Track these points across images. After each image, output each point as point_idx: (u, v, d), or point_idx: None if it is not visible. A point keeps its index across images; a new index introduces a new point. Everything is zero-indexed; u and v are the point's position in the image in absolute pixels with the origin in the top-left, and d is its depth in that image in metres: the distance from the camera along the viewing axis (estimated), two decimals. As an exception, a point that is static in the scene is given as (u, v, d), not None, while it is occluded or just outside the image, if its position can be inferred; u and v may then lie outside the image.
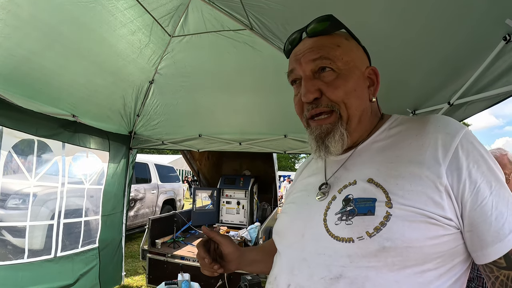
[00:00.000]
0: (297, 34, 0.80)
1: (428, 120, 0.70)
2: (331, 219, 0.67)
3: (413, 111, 2.10)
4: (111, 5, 2.17)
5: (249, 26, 2.31)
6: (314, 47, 0.73)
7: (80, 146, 3.15)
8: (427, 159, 0.63)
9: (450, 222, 0.59)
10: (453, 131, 0.64)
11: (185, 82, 3.21)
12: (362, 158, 0.74)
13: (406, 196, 0.60)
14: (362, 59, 0.78)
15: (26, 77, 2.38)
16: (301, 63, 0.74)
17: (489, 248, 0.59)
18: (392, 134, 0.74)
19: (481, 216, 0.59)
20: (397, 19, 1.46)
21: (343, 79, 0.72)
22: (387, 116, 0.80)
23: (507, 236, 0.57)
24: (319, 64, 0.72)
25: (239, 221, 4.36)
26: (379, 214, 0.60)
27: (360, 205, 0.64)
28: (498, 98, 1.33)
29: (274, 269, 0.77)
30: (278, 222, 0.85)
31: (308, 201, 0.77)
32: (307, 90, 0.72)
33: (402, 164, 0.65)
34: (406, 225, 0.58)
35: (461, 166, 0.60)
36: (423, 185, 0.60)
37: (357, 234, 0.61)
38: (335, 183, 0.74)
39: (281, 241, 0.78)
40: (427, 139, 0.65)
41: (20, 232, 2.58)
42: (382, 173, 0.66)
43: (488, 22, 1.19)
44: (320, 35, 0.75)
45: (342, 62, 0.72)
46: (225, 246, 0.92)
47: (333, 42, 0.74)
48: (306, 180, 0.86)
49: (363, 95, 0.74)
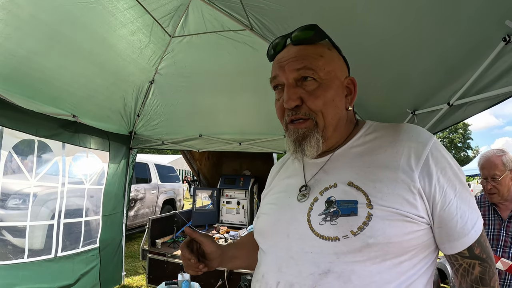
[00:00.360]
0: (281, 40, 0.83)
1: (402, 129, 0.78)
2: (315, 220, 0.72)
3: (413, 111, 2.10)
4: (111, 6, 2.18)
5: (249, 27, 2.32)
6: (298, 56, 0.77)
7: (80, 146, 3.15)
8: (402, 165, 0.71)
9: (422, 219, 0.68)
10: (424, 140, 0.73)
11: (185, 82, 3.21)
12: (340, 162, 0.79)
13: (385, 198, 0.68)
14: (342, 69, 0.82)
15: (26, 77, 2.39)
16: (284, 71, 0.78)
17: (455, 241, 0.70)
18: (368, 140, 0.80)
19: (449, 215, 0.69)
20: (397, 18, 1.46)
21: (323, 89, 0.76)
22: (362, 123, 0.87)
23: (470, 231, 0.69)
24: (302, 74, 0.76)
25: (239, 221, 4.37)
26: (361, 214, 0.67)
27: (343, 206, 0.70)
28: (497, 99, 1.33)
29: (260, 268, 0.81)
30: (259, 223, 0.89)
31: (290, 202, 0.81)
32: (289, 97, 0.76)
33: (379, 169, 0.72)
34: (386, 223, 0.65)
35: (431, 173, 0.69)
36: (399, 188, 0.68)
37: (343, 233, 0.67)
38: (316, 186, 0.79)
39: (265, 241, 0.82)
40: (401, 147, 0.73)
41: (20, 232, 2.59)
42: (361, 177, 0.73)
43: (488, 23, 1.19)
44: (304, 43, 0.78)
45: (324, 72, 0.76)
46: (207, 246, 0.94)
47: (316, 52, 0.77)
48: (284, 181, 0.90)
49: (340, 105, 0.79)
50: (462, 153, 40.56)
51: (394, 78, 1.95)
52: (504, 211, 1.84)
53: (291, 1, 1.74)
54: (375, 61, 1.84)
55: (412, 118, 2.14)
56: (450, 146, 40.29)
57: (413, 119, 2.13)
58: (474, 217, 0.70)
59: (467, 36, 1.31)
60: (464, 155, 40.13)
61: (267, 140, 3.67)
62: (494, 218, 1.87)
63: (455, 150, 40.56)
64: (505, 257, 1.73)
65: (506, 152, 1.86)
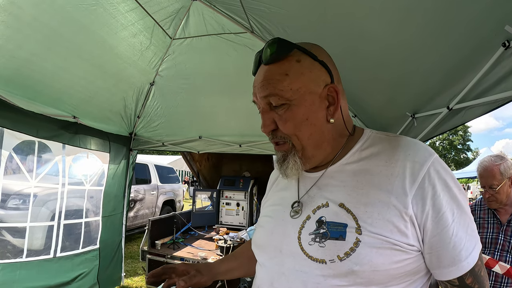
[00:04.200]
0: (256, 57, 0.79)
1: (399, 145, 0.73)
2: (305, 238, 0.71)
3: (413, 114, 2.11)
4: (112, 8, 2.18)
5: (249, 29, 2.32)
6: (264, 80, 0.74)
7: (80, 148, 3.16)
8: (395, 188, 0.67)
9: (413, 247, 0.66)
10: (422, 159, 0.68)
11: (185, 84, 3.22)
12: (334, 180, 0.76)
13: (374, 224, 0.65)
14: (316, 79, 0.74)
15: (27, 78, 2.39)
16: (257, 98, 0.77)
17: (445, 269, 0.66)
18: (364, 156, 0.75)
19: (440, 242, 0.65)
20: (397, 24, 1.47)
21: (292, 111, 0.72)
22: (359, 133, 0.81)
23: (462, 262, 0.65)
24: (268, 101, 0.74)
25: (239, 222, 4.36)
26: (349, 240, 0.65)
27: (332, 229, 0.68)
28: (496, 104, 1.34)
29: (256, 280, 0.83)
30: (256, 235, 0.89)
31: (284, 217, 0.80)
32: (264, 123, 0.76)
33: (372, 191, 0.69)
34: (373, 251, 0.64)
35: (425, 197, 0.65)
36: (390, 214, 0.65)
37: (329, 257, 0.66)
38: (309, 202, 0.77)
39: (261, 254, 0.83)
40: (397, 168, 0.69)
41: (20, 232, 2.59)
42: (353, 199, 0.70)
43: (487, 28, 1.20)
44: (272, 62, 0.74)
45: (291, 92, 0.71)
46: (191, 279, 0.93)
47: (281, 71, 0.72)
48: (280, 194, 0.89)
49: (317, 121, 0.74)
50: (461, 155, 40.51)
51: (394, 81, 1.96)
52: (503, 215, 1.85)
53: (292, 5, 1.75)
54: (375, 64, 1.85)
55: (411, 122, 2.15)
56: (450, 148, 40.27)
57: (413, 123, 2.14)
58: (470, 246, 0.66)
59: (467, 41, 1.32)
60: (464, 157, 40.08)
61: (267, 142, 3.66)
62: (493, 221, 1.87)
63: (454, 152, 40.55)
64: (503, 260, 1.74)
65: (504, 159, 1.86)
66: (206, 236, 3.86)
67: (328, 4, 1.59)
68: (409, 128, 2.22)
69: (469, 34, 1.28)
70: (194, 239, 3.76)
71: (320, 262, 0.67)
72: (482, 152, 20.33)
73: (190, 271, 0.96)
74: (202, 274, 0.96)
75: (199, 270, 0.97)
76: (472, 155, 40.09)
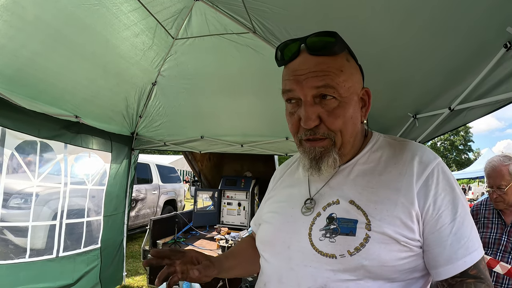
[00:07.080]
0: (294, 44, 0.74)
1: (406, 148, 0.78)
2: (316, 235, 0.73)
3: (414, 115, 2.11)
4: (115, 8, 2.19)
5: (252, 30, 2.33)
6: (318, 71, 0.70)
7: (82, 147, 3.17)
8: (404, 186, 0.71)
9: (417, 243, 0.69)
10: (427, 161, 0.73)
11: (187, 84, 3.22)
12: (345, 178, 0.78)
13: (383, 221, 0.68)
14: (359, 81, 0.77)
15: (29, 78, 2.40)
16: (302, 87, 0.71)
17: (440, 268, 0.68)
18: (374, 158, 0.79)
19: (436, 240, 0.68)
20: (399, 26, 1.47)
21: (343, 108, 0.72)
22: (369, 135, 0.85)
23: (458, 261, 0.66)
24: (322, 92, 0.70)
25: (240, 222, 4.37)
26: (359, 235, 0.68)
27: (343, 225, 0.70)
28: (497, 105, 1.34)
29: (262, 276, 0.82)
30: (262, 231, 0.88)
31: (293, 214, 0.81)
32: (308, 117, 0.71)
33: (382, 190, 0.72)
34: (382, 247, 0.66)
35: (428, 193, 0.69)
36: (398, 211, 0.68)
37: (339, 252, 0.68)
38: (320, 200, 0.79)
39: (267, 250, 0.83)
40: (405, 168, 0.73)
41: (22, 232, 2.60)
42: (363, 197, 0.72)
43: (489, 29, 1.20)
44: (323, 54, 0.70)
45: (344, 89, 0.71)
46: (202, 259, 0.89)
47: (337, 66, 0.71)
48: (287, 190, 0.89)
49: (357, 120, 0.77)
50: (463, 156, 40.45)
51: (396, 82, 1.96)
52: (508, 216, 1.84)
53: (295, 5, 1.75)
54: (377, 66, 1.85)
55: (413, 122, 2.15)
56: (451, 148, 40.21)
57: (414, 123, 2.14)
58: (471, 246, 0.67)
59: (469, 42, 1.33)
60: (465, 157, 40.01)
61: (269, 142, 3.68)
62: (497, 222, 1.87)
63: (456, 153, 40.48)
64: (504, 261, 1.74)
65: (510, 160, 1.85)
66: (207, 236, 3.86)
67: (331, 6, 1.60)
68: (410, 128, 2.23)
69: (471, 35, 1.29)
70: (196, 239, 3.77)
71: (330, 257, 0.69)
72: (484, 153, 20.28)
73: (201, 259, 0.88)
74: (214, 266, 0.88)
75: (211, 261, 0.89)
76: (473, 156, 40.04)
